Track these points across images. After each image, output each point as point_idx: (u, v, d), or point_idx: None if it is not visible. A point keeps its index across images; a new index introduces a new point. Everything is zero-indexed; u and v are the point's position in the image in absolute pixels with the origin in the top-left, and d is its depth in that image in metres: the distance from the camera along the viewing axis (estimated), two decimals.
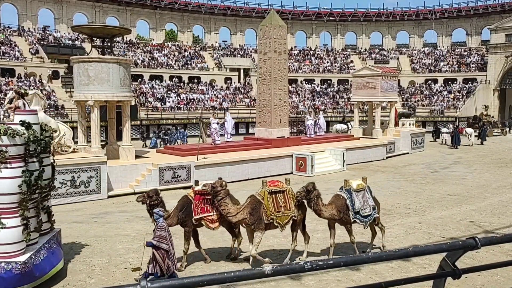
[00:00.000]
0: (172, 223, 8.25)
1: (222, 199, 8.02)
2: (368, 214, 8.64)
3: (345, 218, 8.51)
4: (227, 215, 8.08)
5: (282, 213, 8.22)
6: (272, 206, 8.13)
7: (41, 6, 46.13)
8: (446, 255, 2.13)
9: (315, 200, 8.26)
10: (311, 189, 8.21)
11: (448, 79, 50.19)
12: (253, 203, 8.17)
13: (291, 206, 8.32)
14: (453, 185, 17.30)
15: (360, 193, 8.60)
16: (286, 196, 8.33)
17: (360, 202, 8.51)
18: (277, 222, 8.19)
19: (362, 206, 8.53)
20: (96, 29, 19.28)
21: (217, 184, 8.05)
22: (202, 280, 1.77)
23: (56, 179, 9.58)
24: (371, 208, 8.69)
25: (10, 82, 33.76)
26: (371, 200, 8.73)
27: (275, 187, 8.37)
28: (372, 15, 58.10)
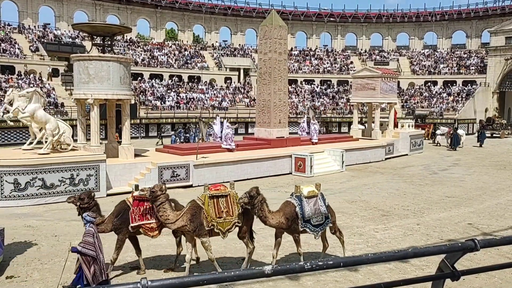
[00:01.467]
0: (106, 229, 7.77)
1: (161, 204, 7.43)
2: (319, 223, 7.97)
3: (294, 227, 7.86)
4: (165, 222, 7.52)
5: (224, 219, 7.66)
6: (213, 211, 7.59)
7: (41, 3, 46.10)
8: (445, 257, 2.14)
9: (260, 206, 7.58)
10: (254, 195, 7.54)
11: (448, 81, 50.27)
12: (193, 209, 7.61)
13: (235, 212, 7.74)
14: (452, 187, 17.32)
15: (312, 200, 7.93)
16: (229, 201, 7.74)
17: (311, 210, 7.85)
18: (218, 228, 7.64)
19: (313, 214, 7.86)
20: (97, 27, 19.27)
21: (157, 188, 7.46)
22: (203, 279, 1.78)
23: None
24: (323, 216, 8.00)
25: (10, 80, 33.73)
26: (324, 208, 8.01)
27: (216, 191, 7.75)
28: (373, 16, 58.17)
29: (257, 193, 7.60)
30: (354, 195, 15.62)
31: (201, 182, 17.85)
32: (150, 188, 7.50)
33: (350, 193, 16.17)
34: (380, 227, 11.40)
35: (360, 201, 14.57)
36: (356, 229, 11.13)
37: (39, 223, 11.80)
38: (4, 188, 13.94)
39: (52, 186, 14.55)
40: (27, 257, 8.88)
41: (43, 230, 10.98)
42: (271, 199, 14.78)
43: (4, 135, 29.31)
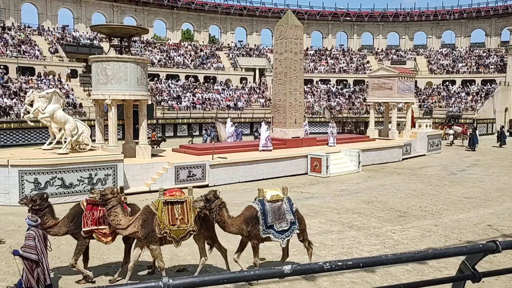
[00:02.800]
0: (59, 232, 7.49)
1: (113, 208, 7.08)
2: (284, 229, 7.46)
3: (254, 233, 7.38)
4: (116, 227, 7.17)
5: (178, 226, 7.18)
6: (166, 218, 7.13)
7: (60, 6, 46.86)
8: (466, 258, 2.12)
9: (217, 211, 7.15)
10: (211, 198, 7.10)
11: (466, 81, 49.46)
12: (146, 215, 7.20)
13: (190, 219, 7.26)
14: (471, 187, 17.06)
15: (276, 205, 7.44)
16: (185, 208, 7.25)
17: (275, 215, 7.38)
18: (171, 236, 7.18)
19: (276, 220, 7.38)
20: (114, 28, 19.51)
21: (107, 191, 7.11)
22: (223, 278, 1.80)
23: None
24: (288, 222, 7.48)
25: (30, 81, 34.37)
26: (289, 214, 7.51)
27: (171, 197, 7.27)
28: (389, 16, 57.59)
29: (215, 197, 7.14)
30: (371, 196, 15.51)
31: (217, 182, 17.96)
32: (101, 191, 7.20)
33: (366, 193, 16.05)
34: (397, 228, 11.30)
35: (377, 202, 14.45)
36: (373, 230, 11.05)
37: None
38: (25, 187, 14.21)
39: (71, 186, 14.79)
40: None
41: None
42: None
43: (25, 135, 29.88)
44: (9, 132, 29.56)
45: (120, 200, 7.26)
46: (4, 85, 32.72)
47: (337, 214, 12.72)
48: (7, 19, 42.82)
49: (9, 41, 38.27)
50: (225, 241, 9.54)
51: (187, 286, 1.73)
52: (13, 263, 7.90)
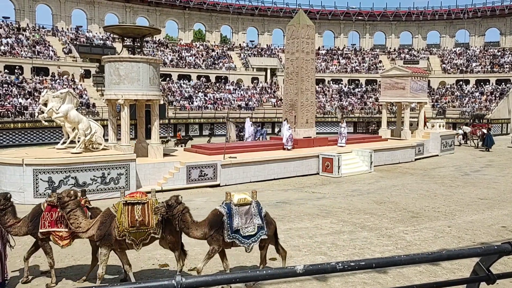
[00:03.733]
0: (20, 232, 7.34)
1: (71, 212, 6.91)
2: (251, 234, 7.17)
3: (216, 237, 7.10)
4: (76, 231, 7.01)
5: (137, 228, 6.95)
6: (126, 220, 6.91)
7: (74, 6, 47.39)
8: (480, 260, 2.10)
9: (180, 217, 6.92)
10: (173, 204, 6.85)
11: (480, 80, 48.84)
12: (104, 217, 7.06)
13: (151, 221, 7.00)
14: (485, 188, 16.85)
15: (243, 209, 7.18)
16: (146, 210, 7.01)
17: (242, 219, 7.12)
18: (131, 239, 6.97)
19: (243, 224, 7.11)
20: (127, 29, 19.67)
21: (64, 194, 6.95)
22: (235, 277, 1.80)
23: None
24: (255, 227, 7.19)
25: (44, 81, 34.82)
26: (257, 218, 7.23)
27: (132, 198, 7.09)
28: (402, 15, 57.14)
29: (177, 202, 6.89)
30: (383, 196, 15.41)
31: (229, 181, 18.01)
32: (58, 194, 7.05)
33: (378, 194, 15.95)
34: (410, 229, 11.20)
35: (389, 202, 14.35)
36: (385, 231, 10.98)
37: None
38: (39, 186, 14.40)
39: (84, 185, 14.95)
40: (60, 253, 9.14)
41: None
42: (298, 200, 14.81)
43: (39, 135, 30.29)
44: (24, 131, 29.99)
45: (79, 204, 7.08)
46: (19, 85, 33.20)
47: (348, 214, 12.66)
48: (22, 20, 43.44)
49: (24, 41, 38.82)
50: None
51: (200, 285, 1.74)
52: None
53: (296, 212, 12.84)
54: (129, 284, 1.73)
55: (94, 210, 7.60)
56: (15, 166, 14.54)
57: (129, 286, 1.72)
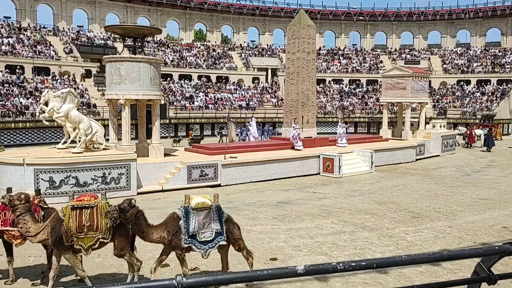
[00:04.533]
0: None
1: (21, 216, 6.70)
2: (208, 239, 6.87)
3: (175, 242, 6.84)
4: (25, 235, 6.84)
5: (85, 233, 6.69)
6: (74, 225, 6.66)
7: (75, 6, 47.43)
8: (481, 260, 2.10)
9: (134, 220, 6.71)
10: (126, 208, 6.62)
11: (482, 80, 48.80)
12: (54, 222, 6.80)
13: (100, 226, 6.77)
14: (486, 189, 16.83)
15: (202, 213, 6.89)
16: (95, 214, 6.78)
17: (199, 223, 6.84)
18: (79, 244, 6.73)
19: (200, 229, 6.84)
20: (128, 29, 19.69)
21: (15, 198, 6.74)
22: (236, 277, 1.80)
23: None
24: (213, 232, 6.91)
25: (45, 81, 34.84)
26: (216, 224, 6.94)
27: (79, 202, 6.83)
28: (403, 15, 57.11)
29: (130, 206, 6.66)
30: (384, 196, 15.39)
31: (229, 181, 18.01)
32: (9, 196, 6.86)
33: (379, 194, 15.94)
34: (411, 229, 11.19)
35: (390, 203, 14.34)
36: (385, 231, 10.97)
37: None
38: (40, 185, 14.41)
39: (85, 184, 14.96)
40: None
41: None
42: (299, 200, 14.80)
43: (40, 135, 30.32)
44: (25, 131, 30.02)
45: (30, 208, 6.89)
46: (20, 85, 33.23)
47: (349, 214, 12.65)
48: (23, 20, 43.48)
49: (25, 41, 38.85)
50: None
51: (201, 284, 1.74)
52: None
53: (296, 212, 12.84)
54: (129, 284, 1.73)
55: (49, 211, 7.36)
56: (16, 165, 14.56)
57: (130, 286, 1.72)
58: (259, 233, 10.55)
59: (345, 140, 23.47)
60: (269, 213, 12.65)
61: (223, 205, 14.08)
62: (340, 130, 23.62)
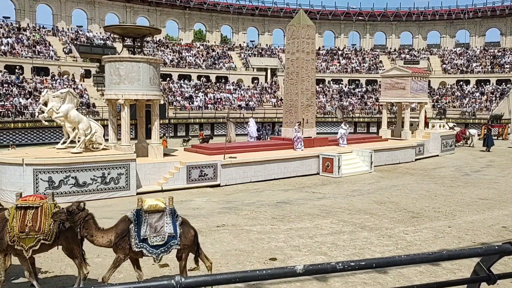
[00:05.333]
0: None
1: None
2: (160, 243, 6.59)
3: (122, 246, 6.61)
4: None
5: (27, 234, 6.51)
6: (17, 225, 6.50)
7: (74, 6, 47.39)
8: (481, 260, 2.10)
9: (83, 224, 6.51)
10: (74, 210, 6.45)
11: (481, 80, 48.83)
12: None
13: (43, 227, 6.57)
14: (485, 189, 16.84)
15: (154, 216, 6.63)
16: (39, 215, 6.59)
17: (151, 227, 6.59)
18: (20, 245, 6.54)
19: (151, 233, 6.57)
20: (128, 29, 19.66)
21: None
22: (235, 277, 1.80)
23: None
24: (165, 236, 6.62)
25: (45, 81, 34.82)
26: (169, 227, 6.66)
27: (24, 202, 6.68)
28: (402, 15, 57.13)
29: (78, 209, 6.48)
30: (383, 196, 15.40)
31: (229, 181, 18.01)
32: None
33: (379, 194, 15.94)
34: (410, 229, 11.20)
35: (389, 203, 14.35)
36: (385, 231, 10.97)
37: None
38: (39, 185, 14.40)
39: (84, 184, 14.95)
40: (61, 253, 9.14)
41: None
42: (298, 200, 14.80)
43: (39, 135, 30.29)
44: (24, 131, 30.00)
45: None
46: (19, 85, 33.20)
47: (349, 214, 12.65)
48: (23, 20, 43.44)
49: (25, 41, 38.82)
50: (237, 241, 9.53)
51: (200, 284, 1.74)
52: None
53: (296, 212, 12.84)
54: (128, 284, 1.72)
55: (1, 210, 7.19)
56: (15, 166, 14.54)
57: (129, 286, 1.72)
58: (258, 233, 10.55)
59: (342, 141, 23.47)
60: (268, 213, 12.65)
61: (222, 205, 14.13)
62: (342, 131, 23.52)
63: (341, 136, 23.44)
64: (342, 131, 23.56)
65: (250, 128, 24.35)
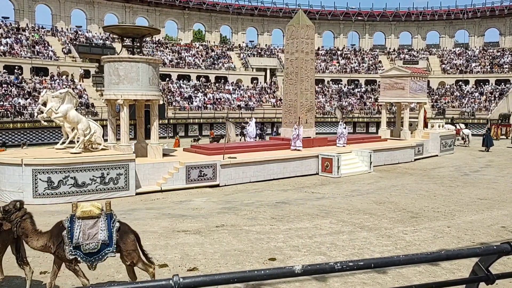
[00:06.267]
0: None
1: None
2: (93, 250, 6.30)
3: (60, 254, 6.34)
4: None
5: None
6: None
7: (73, 7, 47.38)
8: (479, 260, 2.10)
9: (19, 223, 6.28)
10: (11, 209, 6.24)
11: (480, 80, 48.90)
12: None
13: None
14: (484, 188, 16.84)
15: (88, 223, 6.34)
16: None
17: (84, 234, 6.28)
18: None
19: (84, 240, 6.25)
20: (127, 29, 19.66)
21: None
22: (233, 277, 1.80)
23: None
24: (99, 244, 6.32)
25: (44, 81, 34.79)
26: (104, 234, 6.35)
27: None
28: (402, 15, 57.18)
29: (15, 208, 6.27)
30: (382, 196, 15.40)
31: (228, 182, 18.01)
32: None
33: (378, 194, 15.94)
34: (409, 229, 11.20)
35: (389, 203, 14.35)
36: (384, 231, 10.96)
37: None
38: (38, 186, 14.39)
39: (83, 185, 14.94)
40: None
41: None
42: (297, 200, 14.80)
43: (38, 135, 30.27)
44: (23, 131, 29.97)
45: None
46: (18, 85, 33.18)
47: (348, 214, 12.65)
48: (22, 20, 43.41)
49: (24, 41, 38.79)
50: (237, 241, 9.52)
51: (198, 285, 1.74)
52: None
53: (295, 212, 12.83)
54: (127, 284, 1.72)
55: None
56: (14, 166, 14.52)
57: (127, 286, 1.71)
58: (257, 233, 10.55)
59: (343, 141, 23.43)
60: (267, 213, 12.65)
61: (221, 205, 14.11)
62: (339, 130, 23.57)
63: (340, 135, 23.42)
64: (342, 130, 23.56)
65: (249, 129, 24.33)
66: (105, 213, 6.47)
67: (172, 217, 12.25)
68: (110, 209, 6.53)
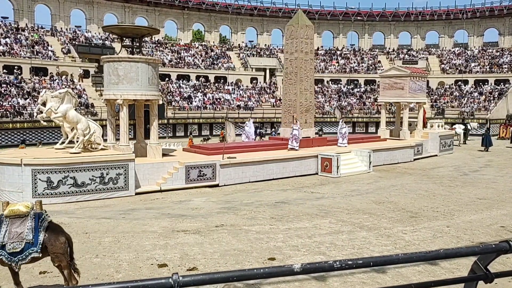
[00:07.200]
0: None
1: None
2: (16, 250, 6.10)
3: None
4: None
5: None
6: None
7: (73, 7, 47.36)
8: (478, 259, 2.10)
9: None
10: None
11: (479, 80, 48.92)
12: None
13: None
14: (483, 188, 16.85)
15: (15, 222, 6.16)
16: None
17: (10, 233, 6.10)
18: None
19: (9, 239, 6.07)
20: (126, 29, 19.65)
21: None
22: (232, 276, 1.80)
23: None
24: (23, 243, 6.13)
25: (43, 81, 34.77)
26: (29, 234, 6.16)
27: None
28: (401, 15, 57.20)
29: None
30: (382, 196, 15.40)
31: (227, 181, 18.01)
32: None
33: (377, 194, 15.95)
34: (409, 228, 11.21)
35: (388, 202, 14.36)
36: (384, 231, 10.97)
37: (70, 220, 12.12)
38: (38, 186, 14.39)
39: (83, 185, 14.94)
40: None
41: (74, 227, 11.27)
42: (297, 199, 14.80)
43: (38, 135, 30.25)
44: (23, 131, 29.95)
45: None
46: (17, 85, 33.16)
47: (347, 214, 12.66)
48: (21, 20, 43.39)
49: (23, 41, 38.78)
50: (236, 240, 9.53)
51: (197, 283, 1.74)
52: None
53: (295, 212, 12.84)
54: (127, 283, 1.73)
55: None
56: (14, 166, 14.52)
57: (127, 285, 1.72)
58: (257, 233, 10.55)
59: (343, 140, 23.43)
60: (267, 213, 12.65)
61: (221, 205, 14.10)
62: (342, 130, 23.55)
63: (343, 135, 23.43)
64: (344, 130, 23.57)
65: (248, 129, 24.34)
66: (34, 212, 6.29)
67: (172, 217, 12.25)
68: (41, 208, 6.38)
